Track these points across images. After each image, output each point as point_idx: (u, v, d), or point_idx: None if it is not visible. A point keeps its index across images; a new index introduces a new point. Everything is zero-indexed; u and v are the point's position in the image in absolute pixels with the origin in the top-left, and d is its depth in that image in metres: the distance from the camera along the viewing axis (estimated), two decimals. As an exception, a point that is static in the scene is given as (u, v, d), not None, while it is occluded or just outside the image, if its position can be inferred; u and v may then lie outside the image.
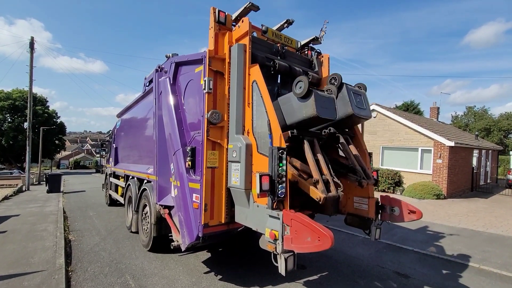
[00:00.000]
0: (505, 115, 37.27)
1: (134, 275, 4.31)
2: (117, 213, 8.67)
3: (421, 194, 11.98)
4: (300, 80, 3.36)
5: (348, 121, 3.97)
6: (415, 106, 37.25)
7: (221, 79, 3.77)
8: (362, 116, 3.89)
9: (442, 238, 6.64)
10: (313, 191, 3.17)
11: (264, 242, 3.10)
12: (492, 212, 9.83)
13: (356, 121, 4.07)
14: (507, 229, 7.61)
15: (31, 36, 16.33)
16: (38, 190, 15.02)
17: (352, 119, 3.87)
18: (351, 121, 3.99)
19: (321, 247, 2.59)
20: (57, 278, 3.97)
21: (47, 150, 35.60)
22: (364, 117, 3.96)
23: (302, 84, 3.32)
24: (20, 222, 7.30)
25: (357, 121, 4.09)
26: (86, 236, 6.29)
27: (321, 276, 4.41)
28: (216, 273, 4.41)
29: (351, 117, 3.79)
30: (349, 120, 3.93)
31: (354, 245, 5.92)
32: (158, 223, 4.90)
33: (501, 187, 17.49)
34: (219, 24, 3.80)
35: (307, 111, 3.28)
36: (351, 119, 3.86)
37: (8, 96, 33.37)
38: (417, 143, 13.42)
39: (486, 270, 4.87)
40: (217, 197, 3.69)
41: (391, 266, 4.90)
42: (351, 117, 3.81)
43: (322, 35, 4.70)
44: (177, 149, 4.18)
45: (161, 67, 5.07)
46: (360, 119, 4.02)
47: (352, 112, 3.73)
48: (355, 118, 3.89)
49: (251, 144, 3.45)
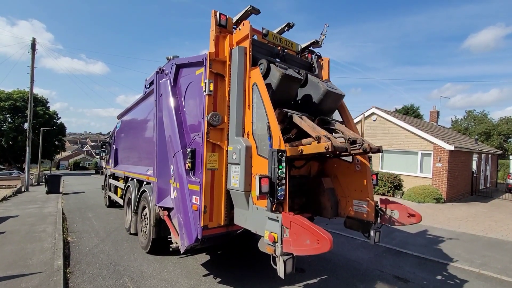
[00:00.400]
0: (505, 119, 37.34)
1: (133, 277, 4.29)
2: (116, 214, 8.65)
3: (420, 198, 11.96)
4: (260, 62, 3.73)
5: (328, 101, 4.04)
6: (415, 109, 37.32)
7: (221, 82, 3.79)
8: (336, 92, 4.04)
9: (441, 242, 6.62)
10: (319, 145, 3.06)
11: (263, 244, 3.10)
12: (492, 217, 9.81)
13: (334, 98, 4.14)
14: (507, 233, 7.59)
15: (33, 37, 16.36)
16: (37, 191, 14.99)
17: (330, 97, 3.98)
18: (331, 100, 4.07)
19: (320, 250, 2.58)
20: (55, 280, 3.95)
21: (47, 151, 35.61)
22: (338, 93, 4.11)
23: (262, 65, 3.68)
24: (19, 223, 7.28)
25: (335, 99, 4.15)
26: (85, 237, 6.27)
27: (320, 280, 4.39)
28: (215, 276, 4.39)
29: (327, 94, 3.91)
30: (328, 100, 4.01)
31: (353, 249, 5.90)
32: (157, 225, 4.89)
33: (500, 192, 17.47)
34: (220, 27, 3.82)
35: (275, 77, 3.55)
36: (329, 97, 3.97)
37: (9, 96, 33.44)
38: (417, 147, 13.44)
39: (486, 274, 4.86)
40: (216, 199, 3.69)
41: (390, 270, 4.89)
42: (327, 95, 3.92)
43: (322, 38, 4.72)
44: (177, 151, 4.18)
45: (162, 69, 5.09)
46: (337, 96, 4.13)
47: (326, 89, 3.88)
48: (332, 95, 4.00)
49: (251, 146, 3.45)
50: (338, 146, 3.04)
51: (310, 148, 3.20)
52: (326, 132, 3.39)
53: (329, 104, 4.15)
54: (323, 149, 2.99)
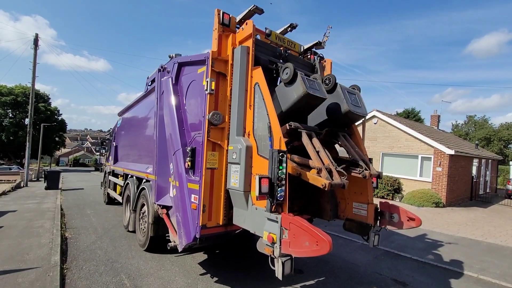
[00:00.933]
0: (506, 125, 37.32)
1: (130, 274, 4.28)
2: (114, 211, 8.64)
3: (420, 202, 11.94)
4: (286, 66, 3.54)
5: (345, 119, 3.99)
6: (415, 113, 37.30)
7: (223, 81, 3.77)
8: (358, 113, 3.93)
9: (440, 246, 6.60)
10: (317, 179, 3.08)
11: (262, 245, 3.08)
12: (491, 222, 9.79)
13: (353, 118, 4.08)
14: (506, 239, 7.57)
15: (36, 33, 16.38)
16: (37, 186, 14.98)
17: (348, 116, 3.90)
18: (348, 118, 4.01)
19: (319, 252, 2.57)
20: (51, 275, 3.94)
21: (47, 147, 35.60)
22: (360, 114, 4.00)
23: (288, 70, 3.49)
24: (17, 218, 7.27)
25: (354, 118, 4.09)
26: (83, 234, 6.25)
27: (318, 281, 4.37)
28: (212, 275, 4.38)
29: (347, 114, 3.83)
30: (346, 118, 3.95)
31: (352, 251, 5.88)
32: (156, 223, 4.88)
33: (500, 197, 17.44)
34: (223, 26, 3.81)
35: (297, 91, 3.40)
36: (347, 116, 3.89)
37: (11, 91, 33.44)
38: (417, 151, 13.41)
39: (484, 280, 4.84)
40: (215, 198, 3.67)
41: (389, 273, 4.87)
42: (347, 114, 3.84)
43: (325, 40, 4.71)
44: (177, 149, 4.17)
45: (164, 67, 5.08)
46: (356, 116, 4.04)
47: (348, 109, 3.78)
48: (351, 115, 3.91)
49: (251, 146, 3.44)
50: (335, 184, 3.06)
51: (309, 177, 3.22)
52: (329, 162, 3.31)
53: (346, 121, 4.09)
54: (320, 186, 3.02)
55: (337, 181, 3.10)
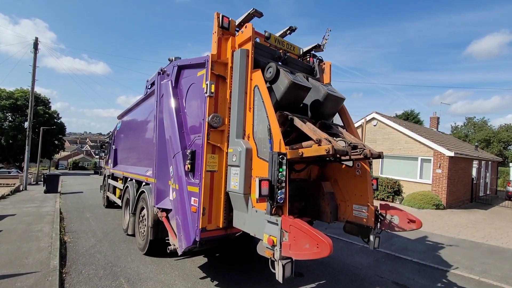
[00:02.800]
0: (505, 126, 37.41)
1: (129, 278, 4.25)
2: (114, 215, 8.60)
3: (420, 204, 11.92)
4: (269, 66, 3.70)
5: (328, 105, 4.03)
6: (415, 115, 37.39)
7: (223, 83, 3.78)
8: (336, 95, 4.03)
9: (441, 248, 6.57)
10: (319, 148, 3.03)
11: (262, 248, 3.06)
12: (492, 224, 9.76)
13: (335, 101, 4.12)
14: (507, 241, 7.55)
15: (36, 36, 16.44)
16: (36, 190, 14.93)
17: (330, 100, 3.98)
18: (331, 103, 4.05)
19: (319, 254, 2.55)
20: (50, 279, 3.91)
21: (46, 150, 35.55)
22: (339, 97, 4.08)
23: (271, 68, 3.65)
24: (16, 222, 7.23)
25: (336, 102, 4.13)
26: (82, 238, 6.22)
27: (318, 284, 4.35)
28: (212, 278, 4.35)
29: (328, 98, 3.91)
30: (329, 103, 4.01)
31: (352, 254, 5.86)
32: (155, 226, 4.86)
33: (500, 199, 17.43)
34: (222, 29, 3.83)
35: (283, 84, 3.52)
36: (330, 101, 3.97)
37: (10, 95, 33.47)
38: (417, 153, 13.42)
39: (486, 282, 4.81)
40: (215, 201, 3.66)
41: (389, 276, 4.84)
42: (328, 98, 3.92)
43: (324, 42, 4.73)
44: (177, 152, 4.16)
45: (164, 70, 5.09)
46: (338, 99, 4.11)
47: (327, 92, 3.88)
48: (333, 98, 3.99)
49: (251, 148, 3.44)
50: (339, 149, 3.00)
51: (311, 151, 3.16)
52: (327, 135, 3.36)
53: (330, 107, 4.13)
54: (324, 152, 2.95)
55: (340, 147, 3.10)
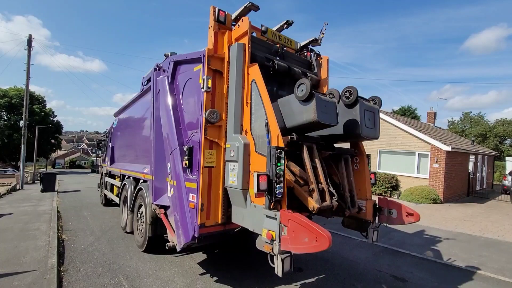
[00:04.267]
0: (501, 121, 37.62)
1: (128, 276, 4.23)
2: (112, 213, 8.56)
3: (418, 198, 12.00)
4: (302, 83, 3.26)
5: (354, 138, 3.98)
6: (412, 111, 37.53)
7: (220, 78, 3.74)
8: (369, 137, 3.82)
9: (439, 242, 6.62)
10: (308, 200, 3.21)
11: (261, 242, 3.06)
12: (488, 217, 9.86)
13: (363, 139, 3.99)
14: (503, 234, 7.63)
15: (29, 33, 16.20)
16: (32, 189, 14.82)
17: (359, 137, 3.83)
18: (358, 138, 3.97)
19: (318, 247, 2.55)
20: (48, 278, 3.88)
21: (43, 149, 35.27)
22: (371, 139, 3.88)
23: (304, 87, 3.21)
24: (12, 221, 7.17)
25: (364, 139, 3.98)
26: (80, 236, 6.19)
27: (317, 279, 4.36)
28: (211, 274, 4.35)
29: (358, 136, 3.77)
30: (356, 138, 3.93)
31: (351, 248, 5.89)
32: (154, 223, 4.83)
33: (497, 193, 17.58)
34: (218, 23, 3.77)
35: (307, 116, 3.22)
36: (358, 137, 3.83)
37: (5, 94, 33.07)
38: (414, 148, 13.47)
39: (483, 274, 4.86)
40: (213, 197, 3.65)
41: (388, 269, 4.87)
42: (358, 136, 3.78)
43: (321, 37, 4.69)
44: (174, 148, 4.13)
45: (160, 66, 5.03)
46: (367, 139, 3.93)
47: (359, 134, 3.68)
48: (362, 138, 3.86)
49: (249, 143, 3.42)
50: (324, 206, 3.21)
51: (302, 197, 3.31)
52: (324, 180, 3.36)
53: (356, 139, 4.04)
54: (309, 208, 3.17)
55: (327, 203, 3.27)
